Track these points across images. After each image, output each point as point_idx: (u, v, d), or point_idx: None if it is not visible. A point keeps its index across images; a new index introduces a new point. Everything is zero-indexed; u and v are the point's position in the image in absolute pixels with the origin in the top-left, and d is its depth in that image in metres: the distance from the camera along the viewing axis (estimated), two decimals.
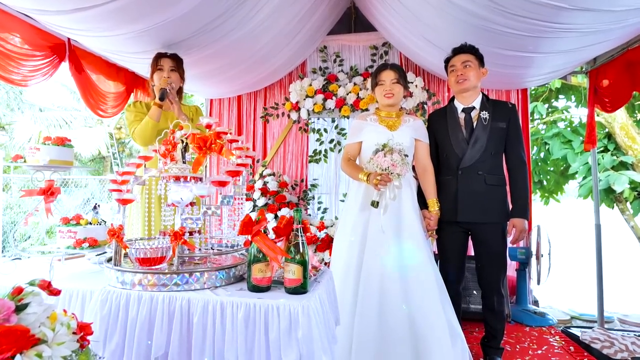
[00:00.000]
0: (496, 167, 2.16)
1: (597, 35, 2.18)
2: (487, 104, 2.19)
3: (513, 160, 2.17)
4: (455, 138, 2.17)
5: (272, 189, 3.53)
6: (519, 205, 2.12)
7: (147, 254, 1.40)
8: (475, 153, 2.12)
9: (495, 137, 2.13)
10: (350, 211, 2.13)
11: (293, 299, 1.28)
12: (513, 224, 2.11)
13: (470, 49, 2.19)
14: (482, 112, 2.15)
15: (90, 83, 3.03)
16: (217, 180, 1.51)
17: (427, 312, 1.88)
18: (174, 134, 1.68)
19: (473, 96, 2.20)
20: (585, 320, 3.54)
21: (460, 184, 2.12)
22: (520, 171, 2.16)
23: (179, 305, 1.30)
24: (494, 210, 2.12)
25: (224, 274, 1.44)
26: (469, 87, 2.16)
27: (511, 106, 2.21)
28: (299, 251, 1.35)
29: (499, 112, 2.16)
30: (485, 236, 2.13)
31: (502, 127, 2.14)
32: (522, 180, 2.15)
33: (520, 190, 2.14)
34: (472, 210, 2.10)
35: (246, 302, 1.27)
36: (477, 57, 2.19)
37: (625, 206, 4.68)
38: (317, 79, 3.65)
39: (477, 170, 2.11)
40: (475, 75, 2.16)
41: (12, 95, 11.85)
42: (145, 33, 2.10)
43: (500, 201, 2.15)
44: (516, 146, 2.16)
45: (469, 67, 2.15)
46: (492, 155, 2.13)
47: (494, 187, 2.12)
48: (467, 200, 2.10)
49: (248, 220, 1.37)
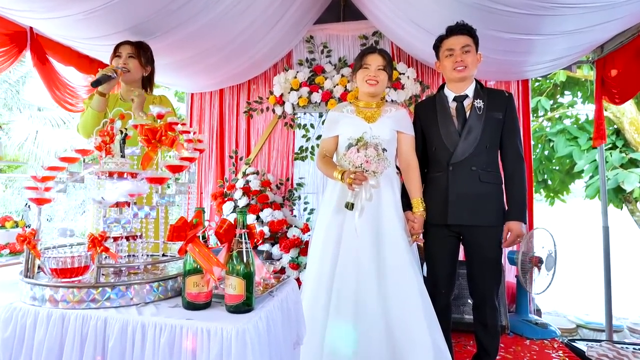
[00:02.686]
0: (491, 162, 1.92)
1: (603, 13, 1.94)
2: (481, 92, 1.95)
3: (509, 155, 1.92)
4: (445, 129, 1.93)
5: (255, 188, 3.30)
6: (516, 206, 1.88)
7: (66, 264, 1.18)
8: (468, 146, 1.87)
9: (491, 129, 1.89)
10: (324, 213, 1.90)
11: (230, 320, 1.05)
12: (509, 228, 1.86)
13: (469, 29, 1.94)
14: (476, 101, 1.91)
15: (54, 74, 2.83)
16: (153, 176, 1.28)
17: (409, 328, 1.64)
18: (113, 124, 1.46)
19: (467, 83, 1.96)
20: (593, 329, 3.29)
21: (451, 182, 1.88)
22: (518, 168, 1.91)
23: (93, 326, 1.08)
24: (488, 212, 1.87)
25: (158, 288, 1.21)
26: (467, 75, 1.92)
27: (508, 95, 1.97)
28: (242, 261, 1.12)
29: (494, 101, 1.92)
30: (478, 241, 1.89)
31: (499, 118, 1.90)
32: (520, 178, 1.91)
33: (517, 189, 1.90)
34: (464, 212, 1.86)
35: (172, 324, 1.04)
36: (475, 41, 1.94)
37: (635, 207, 4.40)
38: (302, 70, 3.42)
39: (471, 165, 1.87)
40: (473, 62, 1.92)
41: (9, 95, 11.78)
42: (94, 14, 1.89)
43: (496, 201, 1.91)
44: (513, 139, 1.92)
45: (469, 52, 1.90)
46: (487, 149, 1.89)
47: (489, 185, 1.88)
48: (459, 200, 1.86)
49: (182, 223, 1.14)
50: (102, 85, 1.92)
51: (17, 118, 11.62)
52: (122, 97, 2.14)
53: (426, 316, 1.68)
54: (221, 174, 3.68)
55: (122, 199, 1.23)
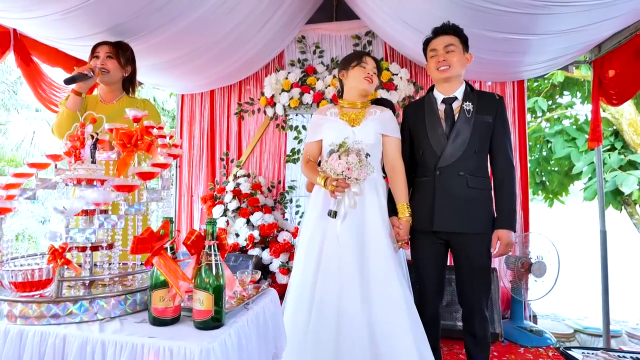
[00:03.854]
0: (480, 167, 1.84)
1: (599, 11, 1.88)
2: (471, 95, 1.88)
3: (499, 160, 1.84)
4: (433, 132, 1.86)
5: (245, 191, 3.24)
6: (505, 214, 1.80)
7: (26, 277, 1.12)
8: (456, 150, 1.80)
9: (480, 133, 1.82)
10: (308, 219, 1.84)
11: (196, 338, 0.99)
12: (498, 236, 1.78)
13: (454, 29, 1.88)
14: (465, 103, 1.84)
15: (40, 75, 2.77)
16: (121, 184, 1.22)
17: (393, 339, 1.58)
18: (84, 128, 1.40)
19: (455, 85, 1.89)
20: (590, 334, 3.22)
21: (438, 186, 1.81)
22: (507, 174, 1.84)
23: (51, 344, 1.02)
24: (476, 219, 1.79)
25: (126, 301, 1.15)
26: (451, 75, 1.85)
27: (498, 98, 1.89)
28: (211, 275, 1.06)
29: (484, 104, 1.85)
30: (465, 248, 1.81)
31: (488, 122, 1.83)
32: (509, 185, 1.83)
33: (506, 196, 1.82)
34: (451, 218, 1.78)
35: (133, 343, 0.98)
36: (462, 40, 1.88)
37: (634, 209, 4.32)
38: (294, 71, 3.36)
39: (458, 170, 1.79)
40: (459, 61, 1.85)
41: (7, 95, 11.74)
42: (71, 14, 1.83)
43: (485, 208, 1.83)
44: (503, 145, 1.85)
45: (453, 52, 1.84)
46: (475, 154, 1.81)
47: (477, 191, 1.80)
48: (445, 206, 1.79)
49: (147, 235, 1.08)
50: (78, 84, 1.86)
51: (14, 119, 11.59)
52: (103, 99, 2.08)
53: (412, 326, 1.61)
54: (212, 177, 3.62)
55: (87, 207, 1.17)
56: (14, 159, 11.13)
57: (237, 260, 2.99)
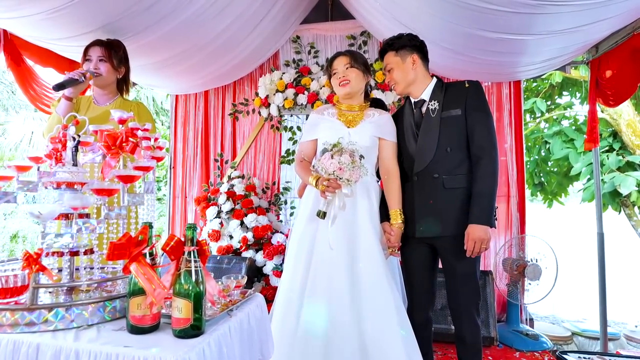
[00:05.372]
0: (458, 166, 1.73)
1: (595, 11, 1.84)
2: (438, 92, 1.78)
3: (473, 150, 1.72)
4: (406, 138, 1.82)
5: (239, 192, 3.21)
6: (477, 207, 1.64)
7: (1, 283, 1.09)
8: (426, 152, 1.74)
9: (449, 130, 1.73)
10: (298, 222, 1.81)
11: (173, 348, 0.96)
12: (467, 232, 1.64)
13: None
14: (430, 103, 1.77)
15: (31, 76, 2.75)
16: (100, 188, 1.19)
17: (384, 346, 1.55)
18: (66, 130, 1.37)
19: (421, 87, 1.81)
20: (588, 337, 3.19)
21: (416, 192, 1.76)
22: (481, 164, 1.67)
23: (24, 353, 0.99)
24: (454, 220, 1.69)
25: (105, 309, 1.12)
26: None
27: (468, 85, 1.76)
28: (190, 281, 1.03)
29: (451, 98, 1.75)
30: (448, 253, 1.74)
31: (457, 115, 1.72)
32: (484, 175, 1.66)
33: (479, 187, 1.66)
34: (430, 223, 1.72)
35: (107, 353, 0.95)
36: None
37: (632, 211, 4.29)
38: (288, 72, 3.33)
39: (433, 172, 1.72)
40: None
41: (5, 95, 11.72)
42: (57, 13, 1.80)
43: (463, 206, 1.70)
44: (478, 133, 1.71)
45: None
46: (449, 153, 1.72)
47: (455, 191, 1.71)
48: (423, 211, 1.73)
49: (125, 240, 1.05)
50: (68, 90, 1.83)
51: (13, 119, 11.57)
52: (96, 100, 2.04)
53: (402, 335, 1.58)
54: (206, 178, 3.59)
55: (65, 211, 1.14)
56: (12, 159, 11.12)
57: (231, 263, 2.96)
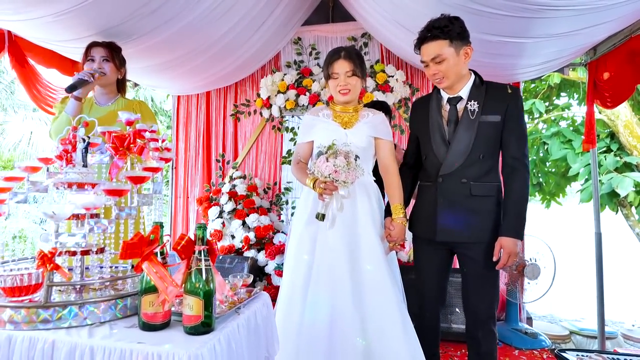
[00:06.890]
0: (488, 172, 1.68)
1: (594, 15, 1.87)
2: (478, 91, 1.69)
3: (508, 161, 1.68)
4: (435, 138, 1.72)
5: (241, 192, 3.24)
6: (512, 220, 1.63)
7: (15, 282, 1.11)
8: (457, 157, 1.66)
9: (486, 136, 1.66)
10: (297, 224, 1.82)
11: (185, 344, 0.99)
12: (501, 245, 1.61)
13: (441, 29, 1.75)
14: (469, 103, 1.67)
15: (35, 76, 2.78)
16: (111, 188, 1.22)
17: (387, 345, 1.58)
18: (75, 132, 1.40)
19: (462, 82, 1.70)
20: (586, 336, 3.22)
21: (440, 195, 1.69)
22: (517, 176, 1.66)
23: (40, 349, 1.01)
24: (480, 228, 1.66)
25: (116, 306, 1.15)
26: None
27: (511, 92, 1.68)
28: (200, 280, 1.06)
29: (493, 101, 1.66)
30: (469, 258, 1.70)
31: (496, 122, 1.65)
32: (519, 188, 1.65)
33: (514, 200, 1.64)
34: (453, 229, 1.68)
35: (122, 348, 0.98)
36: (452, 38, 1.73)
37: (630, 211, 4.33)
38: (290, 73, 3.36)
39: (461, 177, 1.66)
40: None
41: (4, 95, 11.71)
42: (64, 16, 1.83)
43: (490, 214, 1.68)
44: (514, 143, 1.66)
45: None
46: (481, 160, 1.66)
47: (483, 199, 1.66)
48: (447, 216, 1.68)
49: (137, 240, 1.08)
50: (78, 90, 1.86)
51: (12, 119, 11.55)
52: (98, 101, 2.07)
53: (405, 332, 1.61)
54: (208, 178, 3.62)
55: (77, 212, 1.17)
56: (12, 159, 11.10)
57: (233, 262, 2.99)
